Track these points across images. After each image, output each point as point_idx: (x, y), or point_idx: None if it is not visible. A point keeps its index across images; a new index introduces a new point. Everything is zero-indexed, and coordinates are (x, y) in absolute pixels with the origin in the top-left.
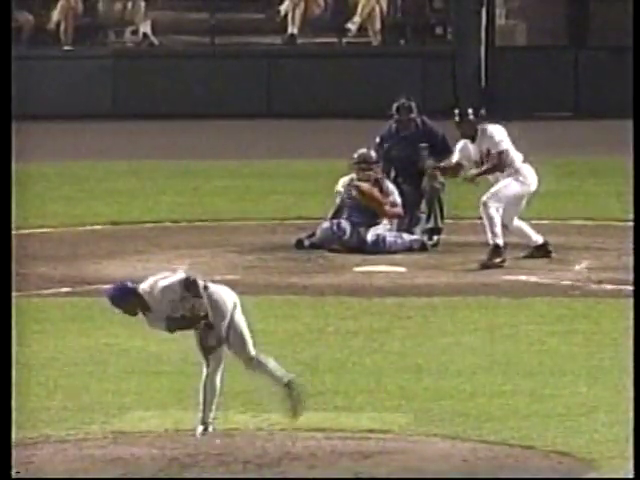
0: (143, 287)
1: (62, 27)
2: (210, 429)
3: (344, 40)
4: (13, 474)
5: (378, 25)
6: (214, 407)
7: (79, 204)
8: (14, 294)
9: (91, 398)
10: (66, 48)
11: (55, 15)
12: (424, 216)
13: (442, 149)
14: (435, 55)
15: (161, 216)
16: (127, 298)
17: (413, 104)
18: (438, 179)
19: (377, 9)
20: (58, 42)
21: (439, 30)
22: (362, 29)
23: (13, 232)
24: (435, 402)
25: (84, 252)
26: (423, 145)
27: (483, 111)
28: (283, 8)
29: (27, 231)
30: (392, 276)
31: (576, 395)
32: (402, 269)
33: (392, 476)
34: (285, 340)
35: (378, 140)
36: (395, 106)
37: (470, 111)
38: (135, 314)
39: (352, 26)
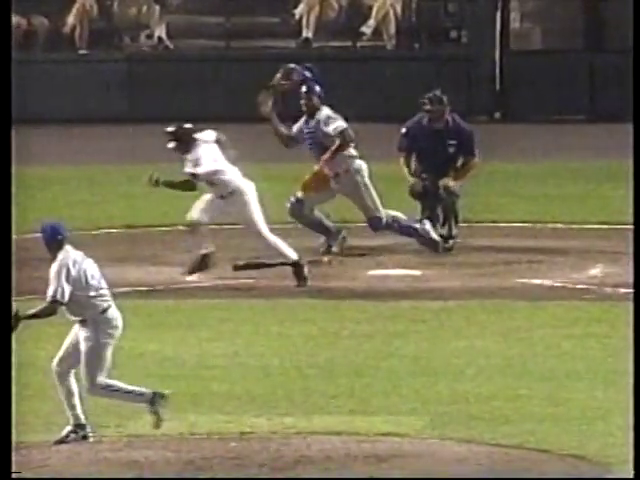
0: (68, 253)
1: (77, 31)
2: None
3: (359, 44)
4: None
5: (393, 29)
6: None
7: (94, 208)
8: (29, 297)
9: (106, 402)
10: (81, 52)
11: (70, 19)
12: (438, 222)
13: (468, 147)
14: (450, 59)
15: (176, 220)
16: (49, 240)
17: (444, 97)
18: (455, 192)
19: (392, 13)
20: (73, 46)
21: (454, 34)
22: (377, 33)
23: (28, 236)
24: (450, 405)
25: (99, 255)
26: (452, 142)
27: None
28: (298, 12)
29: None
30: (407, 280)
31: (591, 399)
32: (417, 272)
33: (407, 478)
34: (300, 344)
35: (404, 130)
36: (427, 97)
37: (187, 125)
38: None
39: (367, 30)
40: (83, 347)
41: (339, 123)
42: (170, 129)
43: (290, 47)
